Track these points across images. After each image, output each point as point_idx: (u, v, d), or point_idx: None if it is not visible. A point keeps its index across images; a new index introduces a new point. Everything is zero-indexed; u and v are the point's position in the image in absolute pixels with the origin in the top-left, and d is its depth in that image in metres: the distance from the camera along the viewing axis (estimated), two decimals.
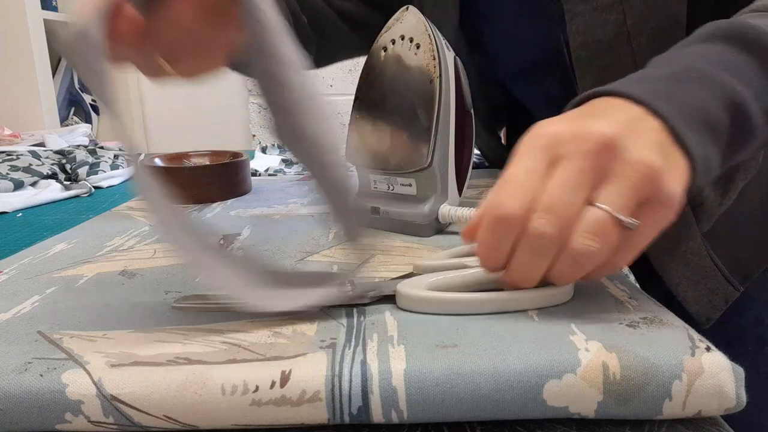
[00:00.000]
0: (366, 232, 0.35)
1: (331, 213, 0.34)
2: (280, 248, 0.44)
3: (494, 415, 0.25)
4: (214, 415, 0.24)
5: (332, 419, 0.25)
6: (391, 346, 0.27)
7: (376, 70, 0.47)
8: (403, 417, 0.25)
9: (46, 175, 0.78)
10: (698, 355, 0.25)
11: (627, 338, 0.27)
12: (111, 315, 0.32)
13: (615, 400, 0.25)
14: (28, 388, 0.24)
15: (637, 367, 0.25)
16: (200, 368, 0.25)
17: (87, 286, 0.36)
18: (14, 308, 0.33)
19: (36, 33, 1.24)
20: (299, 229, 0.50)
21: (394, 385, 0.24)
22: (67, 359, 0.26)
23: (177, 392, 0.24)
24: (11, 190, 0.72)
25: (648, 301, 0.32)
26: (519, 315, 0.30)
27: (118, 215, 0.57)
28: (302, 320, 0.30)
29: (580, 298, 0.32)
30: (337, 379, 0.25)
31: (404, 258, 0.41)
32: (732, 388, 0.25)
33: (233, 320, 0.30)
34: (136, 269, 0.40)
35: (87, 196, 0.74)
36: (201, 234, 0.33)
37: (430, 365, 0.25)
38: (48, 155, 0.87)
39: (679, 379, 0.25)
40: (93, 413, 0.24)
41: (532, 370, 0.25)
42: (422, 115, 0.44)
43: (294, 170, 0.91)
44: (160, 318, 0.31)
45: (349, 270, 0.38)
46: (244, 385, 0.24)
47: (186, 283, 0.37)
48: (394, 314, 0.31)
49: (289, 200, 0.61)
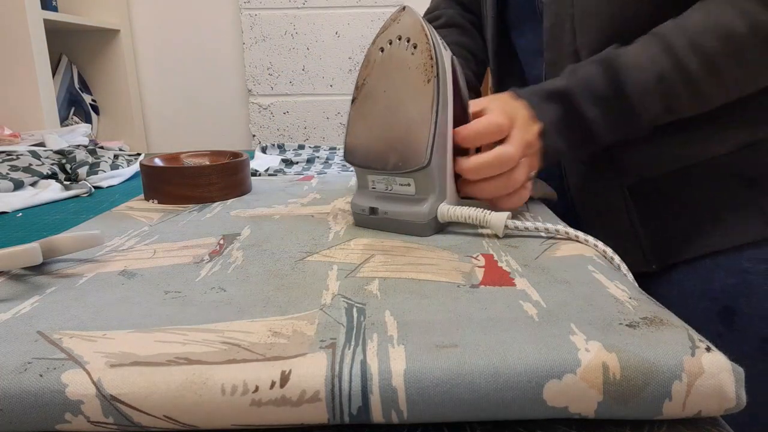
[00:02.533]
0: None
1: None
2: (280, 248, 0.44)
3: (494, 416, 0.25)
4: (214, 415, 0.24)
5: (332, 419, 0.25)
6: (391, 346, 0.27)
7: (374, 70, 0.47)
8: (403, 417, 0.25)
9: (46, 175, 0.78)
10: (698, 355, 0.25)
11: (627, 338, 0.27)
12: (111, 315, 0.32)
13: (615, 400, 0.25)
14: (28, 388, 0.24)
15: (637, 368, 0.25)
16: (200, 368, 0.25)
17: (87, 286, 0.36)
18: (14, 308, 0.33)
19: (36, 33, 1.24)
20: (299, 229, 0.50)
21: (394, 385, 0.24)
22: (67, 359, 0.26)
23: (177, 392, 0.24)
24: (11, 190, 0.72)
25: (648, 301, 0.32)
26: (519, 315, 0.30)
27: (118, 215, 0.57)
28: (302, 320, 0.30)
29: (580, 298, 0.32)
30: (337, 380, 0.25)
31: (404, 258, 0.41)
32: (732, 389, 0.25)
33: (233, 320, 0.30)
34: (136, 269, 0.40)
35: (87, 196, 0.74)
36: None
37: (430, 365, 0.25)
38: (48, 155, 0.87)
39: (679, 380, 0.25)
40: (93, 413, 0.24)
41: (532, 370, 0.25)
42: (420, 114, 0.44)
43: (294, 170, 0.91)
44: (160, 318, 0.31)
45: (349, 270, 0.38)
46: (244, 385, 0.24)
47: (186, 282, 0.37)
48: (394, 314, 0.31)
49: (289, 200, 0.61)
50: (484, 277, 0.36)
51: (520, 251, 0.42)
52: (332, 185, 0.70)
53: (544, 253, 0.41)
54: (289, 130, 1.80)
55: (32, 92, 1.24)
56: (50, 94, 1.29)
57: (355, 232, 0.48)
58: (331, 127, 1.80)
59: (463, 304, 0.32)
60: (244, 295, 0.34)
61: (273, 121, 1.79)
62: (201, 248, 0.44)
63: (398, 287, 0.35)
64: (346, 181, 0.73)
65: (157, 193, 0.62)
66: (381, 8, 1.72)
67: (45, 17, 1.28)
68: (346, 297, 0.33)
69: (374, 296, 0.33)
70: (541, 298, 0.33)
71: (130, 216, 0.56)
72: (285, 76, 1.76)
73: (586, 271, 0.37)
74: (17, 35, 1.22)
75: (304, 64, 1.76)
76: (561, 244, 0.43)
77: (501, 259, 0.40)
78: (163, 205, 0.60)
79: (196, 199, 0.61)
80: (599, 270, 0.37)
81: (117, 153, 0.96)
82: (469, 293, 0.34)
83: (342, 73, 1.77)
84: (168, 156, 0.68)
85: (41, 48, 1.26)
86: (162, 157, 0.67)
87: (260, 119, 1.79)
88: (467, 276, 0.37)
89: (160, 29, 1.78)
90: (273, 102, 1.78)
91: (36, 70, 1.24)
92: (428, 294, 0.34)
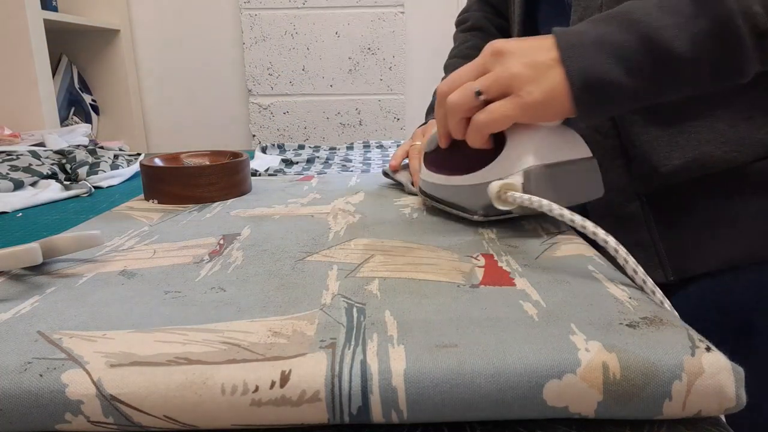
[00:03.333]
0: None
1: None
2: (280, 248, 0.44)
3: (494, 416, 0.25)
4: (214, 415, 0.24)
5: (332, 419, 0.25)
6: (391, 346, 0.27)
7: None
8: (403, 417, 0.25)
9: (46, 175, 0.78)
10: (698, 355, 0.25)
11: (627, 338, 0.27)
12: (111, 315, 0.32)
13: (615, 400, 0.25)
14: (28, 388, 0.24)
15: (637, 367, 0.25)
16: (200, 368, 0.25)
17: (87, 286, 0.36)
18: (14, 308, 0.33)
19: (36, 33, 1.24)
20: (299, 229, 0.50)
21: (393, 385, 0.24)
22: (67, 359, 0.26)
23: (177, 392, 0.24)
24: (11, 190, 0.72)
25: (648, 301, 0.32)
26: (519, 315, 0.30)
27: (118, 215, 0.57)
28: (302, 320, 0.30)
29: (580, 298, 0.32)
30: (337, 379, 0.25)
31: (404, 258, 0.41)
32: (732, 388, 0.25)
33: (233, 320, 0.30)
34: (136, 269, 0.40)
35: (87, 196, 0.74)
36: None
37: (430, 365, 0.25)
38: (48, 155, 0.87)
39: (679, 379, 0.25)
40: (93, 413, 0.24)
41: (532, 370, 0.25)
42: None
43: (294, 170, 0.91)
44: (160, 318, 0.31)
45: (349, 270, 0.38)
46: (244, 385, 0.24)
47: (186, 282, 0.37)
48: (394, 314, 0.31)
49: (289, 200, 0.61)
50: (484, 277, 0.36)
51: (520, 251, 0.42)
52: (332, 185, 0.70)
53: (544, 253, 0.41)
54: (289, 130, 1.80)
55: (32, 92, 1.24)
56: (50, 94, 1.29)
57: (355, 231, 0.48)
58: (331, 127, 1.80)
59: (463, 304, 0.32)
60: (244, 295, 0.34)
61: (273, 121, 1.79)
62: (201, 248, 0.44)
63: (398, 287, 0.35)
64: (346, 181, 0.73)
65: (157, 193, 0.62)
66: (381, 8, 1.72)
67: (45, 17, 1.28)
68: (346, 297, 0.33)
69: (374, 296, 0.33)
70: (541, 298, 0.33)
71: (130, 216, 0.56)
72: (285, 76, 1.76)
73: (586, 270, 0.37)
74: (17, 35, 1.22)
75: (304, 64, 1.76)
76: (561, 244, 0.43)
77: (501, 259, 0.40)
78: (163, 205, 0.60)
79: (196, 199, 0.61)
80: (599, 270, 0.37)
81: (117, 153, 0.96)
82: (469, 293, 0.34)
83: (342, 73, 1.77)
84: (168, 156, 0.68)
85: (41, 48, 1.26)
86: (162, 157, 0.67)
87: (260, 119, 1.79)
88: (467, 276, 0.37)
89: (160, 29, 1.78)
90: (273, 102, 1.78)
91: (36, 70, 1.24)
92: (428, 294, 0.34)
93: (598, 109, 0.43)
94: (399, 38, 1.74)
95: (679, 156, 0.51)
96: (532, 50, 0.43)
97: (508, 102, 0.42)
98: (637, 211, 0.54)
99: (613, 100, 0.42)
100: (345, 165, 0.94)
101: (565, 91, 0.42)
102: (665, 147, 0.51)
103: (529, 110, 0.42)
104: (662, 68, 0.41)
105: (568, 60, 0.41)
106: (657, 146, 0.51)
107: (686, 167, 0.51)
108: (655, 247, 0.54)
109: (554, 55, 0.42)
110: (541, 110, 0.42)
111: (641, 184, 0.53)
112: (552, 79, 0.42)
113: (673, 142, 0.51)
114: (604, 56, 0.41)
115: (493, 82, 0.43)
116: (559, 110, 0.43)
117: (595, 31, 0.42)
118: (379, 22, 1.72)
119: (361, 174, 0.79)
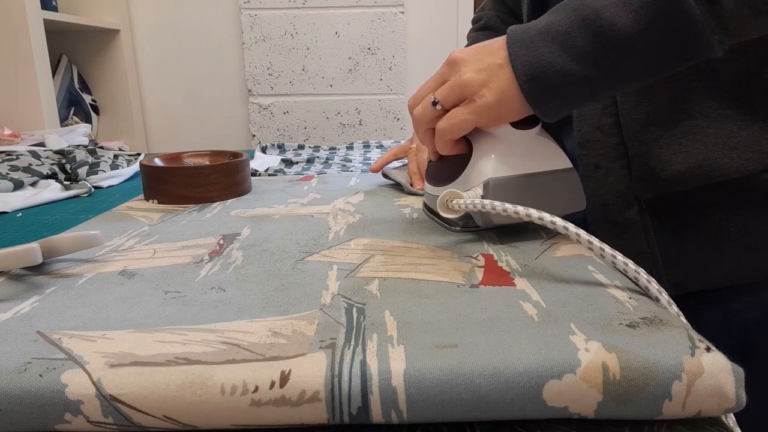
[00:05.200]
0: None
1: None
2: (279, 248, 0.44)
3: (494, 416, 0.25)
4: (214, 415, 0.24)
5: (332, 419, 0.25)
6: (391, 346, 0.27)
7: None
8: (402, 417, 0.25)
9: (46, 175, 0.78)
10: (698, 355, 0.25)
11: (627, 338, 0.27)
12: (111, 315, 0.32)
13: (615, 400, 0.25)
14: (28, 388, 0.24)
15: (637, 368, 0.25)
16: (200, 368, 0.25)
17: (87, 286, 0.36)
18: (14, 308, 0.33)
19: (36, 33, 1.24)
20: (299, 229, 0.50)
21: (393, 385, 0.24)
22: (67, 359, 0.26)
23: (177, 392, 0.24)
24: (11, 190, 0.72)
25: (648, 301, 0.32)
26: (519, 315, 0.30)
27: (118, 215, 0.57)
28: (302, 320, 0.30)
29: (580, 298, 0.32)
30: (337, 380, 0.25)
31: (404, 258, 0.41)
32: (732, 389, 0.25)
33: (233, 320, 0.30)
34: (136, 269, 0.40)
35: (87, 196, 0.74)
36: None
37: (430, 365, 0.25)
38: (48, 155, 0.87)
39: (679, 380, 0.25)
40: (92, 413, 0.24)
41: (532, 370, 0.25)
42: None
43: (294, 170, 0.91)
44: (160, 318, 0.31)
45: (349, 270, 0.38)
46: (244, 385, 0.24)
47: (186, 282, 0.37)
48: (394, 314, 0.31)
49: (289, 200, 0.61)
50: (483, 277, 0.36)
51: (520, 251, 0.42)
52: (332, 185, 0.70)
53: (544, 253, 0.41)
54: (289, 130, 1.80)
55: (32, 92, 1.24)
56: (50, 94, 1.29)
57: (355, 231, 0.48)
58: (331, 127, 1.80)
59: (463, 304, 0.32)
60: (244, 295, 0.34)
61: (273, 121, 1.79)
62: (201, 248, 0.44)
63: (398, 287, 0.35)
64: (346, 181, 0.73)
65: (157, 193, 0.62)
66: (381, 8, 1.72)
67: (45, 17, 1.28)
68: (345, 297, 0.33)
69: (374, 296, 0.33)
70: (540, 298, 0.33)
71: (130, 216, 0.56)
72: (285, 76, 1.76)
73: (586, 271, 0.37)
74: (17, 35, 1.22)
75: (304, 64, 1.76)
76: (561, 244, 0.43)
77: (501, 259, 0.40)
78: (163, 205, 0.60)
79: (196, 199, 0.61)
80: (599, 270, 0.37)
81: (117, 153, 0.96)
82: (469, 293, 0.34)
83: (342, 73, 1.77)
84: (168, 156, 0.68)
85: (41, 48, 1.26)
86: (162, 157, 0.67)
87: (260, 119, 1.79)
88: (467, 276, 0.37)
89: (160, 29, 1.78)
90: (273, 102, 1.78)
91: (36, 70, 1.24)
92: (428, 294, 0.34)
93: (550, 101, 0.41)
94: (399, 38, 1.74)
95: (681, 161, 0.48)
96: (484, 53, 0.43)
97: (464, 107, 0.43)
98: (635, 217, 0.52)
99: (565, 89, 0.40)
100: (345, 165, 0.94)
101: (514, 87, 0.41)
102: (667, 149, 0.49)
103: (485, 113, 0.42)
104: (609, 50, 0.39)
105: (513, 55, 0.41)
106: (658, 147, 0.49)
107: (690, 174, 0.48)
108: (652, 257, 0.52)
109: (504, 54, 0.42)
110: (497, 111, 0.42)
111: (640, 188, 0.51)
112: (502, 78, 0.41)
113: (676, 143, 0.48)
114: (549, 45, 0.40)
115: (449, 92, 0.43)
116: (516, 108, 0.42)
117: (544, 21, 0.41)
118: (379, 22, 1.72)
119: (361, 174, 0.79)
